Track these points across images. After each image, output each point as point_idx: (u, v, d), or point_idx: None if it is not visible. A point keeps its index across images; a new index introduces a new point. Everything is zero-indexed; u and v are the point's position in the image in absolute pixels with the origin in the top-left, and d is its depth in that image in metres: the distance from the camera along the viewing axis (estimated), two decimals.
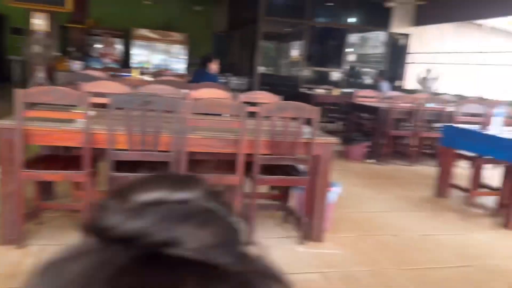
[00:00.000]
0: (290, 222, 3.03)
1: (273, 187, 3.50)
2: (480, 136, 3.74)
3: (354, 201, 3.79)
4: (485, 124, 4.17)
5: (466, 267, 2.65)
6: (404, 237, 3.06)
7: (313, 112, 2.65)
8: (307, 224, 2.79)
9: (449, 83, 8.97)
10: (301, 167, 2.84)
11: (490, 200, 3.94)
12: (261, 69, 9.37)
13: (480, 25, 8.61)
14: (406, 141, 5.77)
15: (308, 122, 2.77)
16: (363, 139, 5.64)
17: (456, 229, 3.34)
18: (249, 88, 8.36)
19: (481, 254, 2.89)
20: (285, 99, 3.04)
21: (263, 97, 3.56)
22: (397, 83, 9.83)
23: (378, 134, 5.43)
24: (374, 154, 5.47)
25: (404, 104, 5.66)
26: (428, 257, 2.77)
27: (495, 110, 3.88)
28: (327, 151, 2.73)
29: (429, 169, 4.98)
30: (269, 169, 2.68)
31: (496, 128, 3.74)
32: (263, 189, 3.34)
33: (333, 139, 2.77)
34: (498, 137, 3.57)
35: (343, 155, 5.73)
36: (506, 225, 3.46)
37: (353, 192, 4.09)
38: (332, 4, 10.04)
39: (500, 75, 7.87)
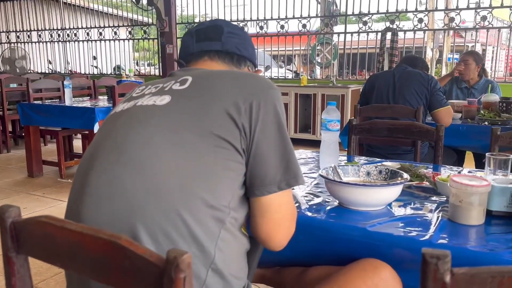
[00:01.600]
0: None
1: None
2: (54, 110, 3.86)
3: None
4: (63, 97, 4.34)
5: None
6: None
7: None
8: None
9: (39, 61, 8.81)
10: None
11: None
12: None
13: (58, 1, 8.72)
14: None
15: None
16: None
17: (48, 203, 3.38)
18: None
19: None
20: None
21: None
22: None
23: None
24: None
25: None
26: None
27: (65, 83, 4.07)
28: None
29: (23, 152, 4.78)
30: None
31: (68, 100, 3.95)
32: None
33: None
34: (68, 107, 3.79)
35: None
36: None
37: None
38: None
39: (87, 49, 8.34)
